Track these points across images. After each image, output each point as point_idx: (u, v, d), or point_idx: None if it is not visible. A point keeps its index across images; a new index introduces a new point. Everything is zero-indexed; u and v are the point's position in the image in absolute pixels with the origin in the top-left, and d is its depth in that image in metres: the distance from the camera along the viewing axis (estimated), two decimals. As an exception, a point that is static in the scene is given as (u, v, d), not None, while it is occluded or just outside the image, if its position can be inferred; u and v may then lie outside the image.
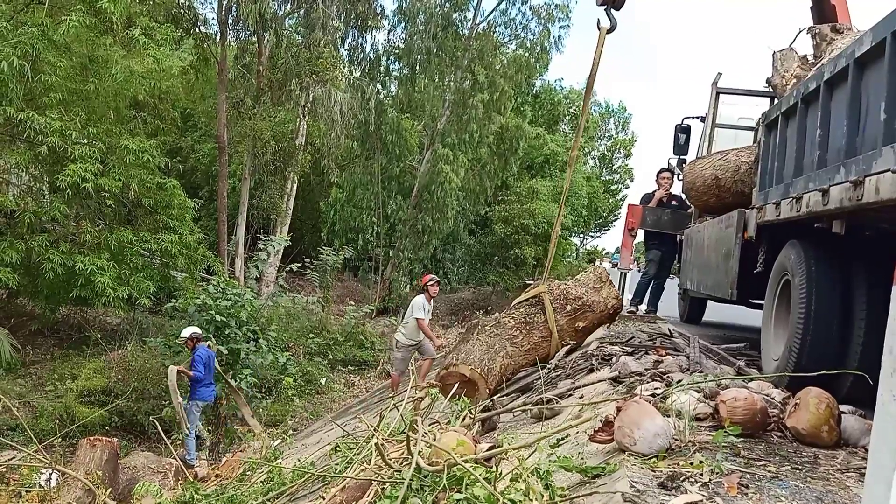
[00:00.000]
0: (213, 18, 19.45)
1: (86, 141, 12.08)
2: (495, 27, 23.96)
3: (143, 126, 14.95)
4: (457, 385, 6.20)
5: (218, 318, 11.93)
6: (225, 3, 18.01)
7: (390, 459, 3.74)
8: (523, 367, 6.87)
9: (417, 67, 22.99)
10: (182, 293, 13.51)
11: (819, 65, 5.65)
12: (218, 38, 18.74)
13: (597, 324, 7.20)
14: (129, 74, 12.92)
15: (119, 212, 13.48)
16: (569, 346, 7.03)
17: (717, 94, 9.58)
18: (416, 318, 10.33)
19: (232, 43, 19.71)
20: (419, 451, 3.49)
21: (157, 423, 10.55)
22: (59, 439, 9.90)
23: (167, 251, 13.21)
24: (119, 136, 12.80)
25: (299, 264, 19.48)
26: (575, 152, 7.02)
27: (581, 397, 5.08)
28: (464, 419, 4.94)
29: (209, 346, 10.64)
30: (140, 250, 13.09)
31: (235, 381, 11.64)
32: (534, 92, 33.43)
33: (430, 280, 10.73)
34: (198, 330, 10.63)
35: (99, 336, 14.04)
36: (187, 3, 18.43)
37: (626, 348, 6.52)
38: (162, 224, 13.54)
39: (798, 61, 6.50)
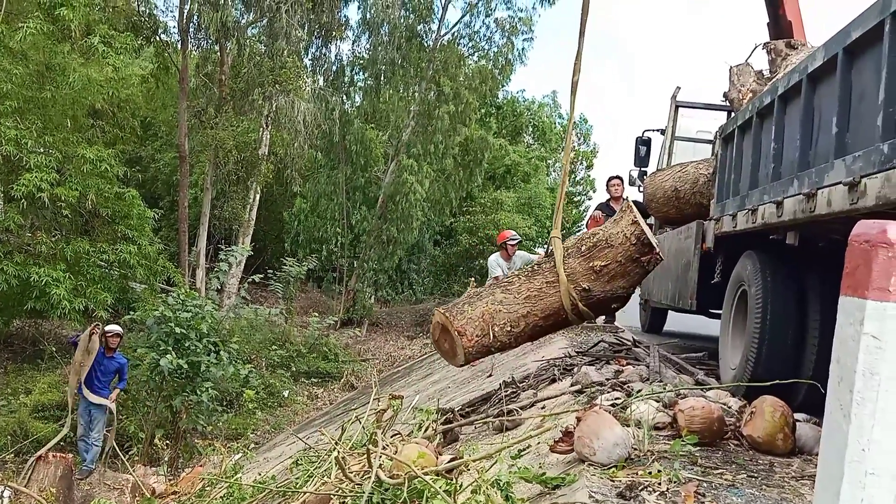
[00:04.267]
0: (173, 27, 19.23)
1: (42, 150, 11.86)
2: (459, 39, 24.10)
3: (101, 135, 14.71)
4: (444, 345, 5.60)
5: (177, 330, 11.73)
6: (186, 11, 17.83)
7: (351, 472, 3.71)
8: (529, 322, 5.60)
9: (382, 78, 23.00)
10: (141, 305, 13.27)
11: (774, 80, 5.79)
12: (179, 46, 18.54)
13: (623, 261, 5.53)
14: (87, 82, 12.71)
15: (76, 222, 13.22)
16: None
17: (677, 107, 9.75)
18: (493, 279, 8.98)
19: (193, 52, 19.50)
20: (380, 464, 3.47)
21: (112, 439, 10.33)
22: (12, 455, 9.66)
23: (125, 262, 12.98)
24: (76, 145, 12.57)
25: (262, 275, 19.27)
26: (572, 114, 6.49)
27: (543, 408, 5.10)
28: (426, 431, 4.93)
29: None
30: (97, 261, 12.85)
31: (196, 394, 11.46)
32: (497, 103, 33.64)
33: (511, 239, 9.38)
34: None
35: (54, 349, 13.73)
36: (147, 12, 18.23)
37: (588, 358, 6.56)
38: (120, 234, 13.31)
39: (754, 76, 6.66)
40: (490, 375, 8.10)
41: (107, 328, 10.37)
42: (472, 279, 7.80)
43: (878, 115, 3.12)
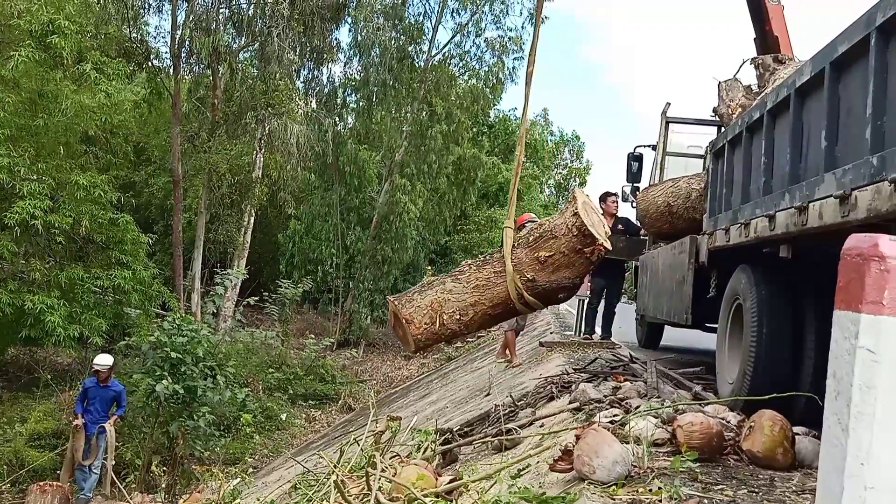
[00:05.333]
0: (165, 52, 19.35)
1: (35, 177, 11.85)
2: (450, 59, 24.26)
3: (94, 161, 14.72)
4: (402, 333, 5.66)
5: (173, 355, 11.67)
6: (178, 37, 17.93)
7: (350, 496, 3.68)
8: (477, 310, 5.63)
9: (374, 99, 23.12)
10: (136, 330, 13.22)
11: (762, 94, 5.83)
12: (171, 71, 18.62)
13: (566, 252, 5.50)
14: (79, 109, 12.74)
15: (70, 248, 13.19)
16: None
17: (667, 123, 9.82)
18: None
19: (185, 76, 19.59)
20: (379, 487, 3.45)
21: (109, 467, 10.23)
22: (8, 485, 9.57)
23: (120, 288, 12.94)
24: (69, 172, 12.58)
25: (257, 298, 19.23)
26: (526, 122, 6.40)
27: (542, 426, 5.08)
28: (424, 451, 4.90)
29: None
30: (92, 287, 12.79)
31: (193, 419, 11.38)
32: (489, 122, 33.84)
33: (530, 221, 8.16)
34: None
35: (49, 377, 13.61)
36: (139, 38, 18.33)
37: (585, 375, 6.55)
38: (114, 260, 13.29)
39: (743, 91, 6.71)
40: (488, 395, 8.07)
41: (95, 361, 10.23)
42: (430, 269, 7.78)
43: (867, 128, 3.14)
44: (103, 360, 10.13)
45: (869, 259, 1.69)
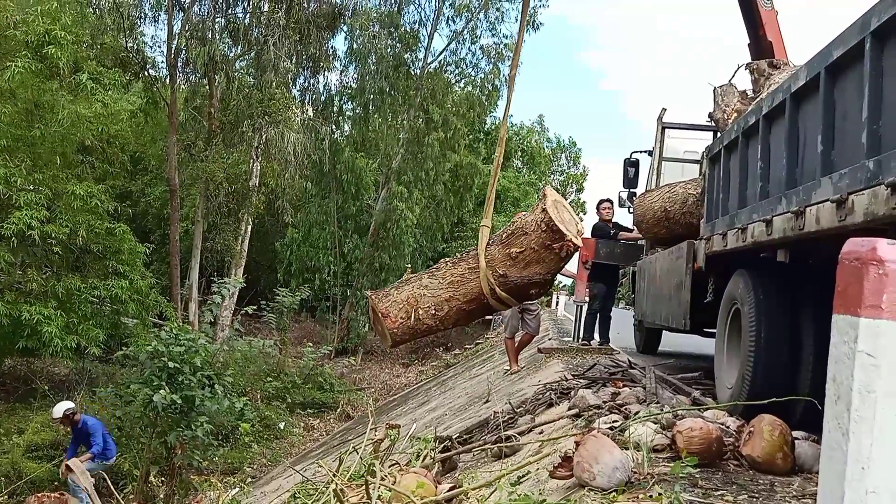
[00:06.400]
0: (162, 62, 19.39)
1: (31, 187, 11.86)
2: (446, 66, 24.33)
3: (91, 171, 14.75)
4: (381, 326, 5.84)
5: (171, 364, 11.63)
6: (174, 46, 17.96)
7: (349, 505, 3.67)
8: (452, 305, 5.77)
9: (371, 107, 23.19)
10: (133, 340, 13.18)
11: (758, 99, 5.85)
12: (168, 81, 18.65)
13: (536, 248, 5.69)
14: (76, 119, 12.78)
15: (67, 258, 13.18)
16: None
17: (663, 128, 9.84)
18: None
19: (182, 86, 19.62)
20: (378, 495, 3.44)
21: (107, 478, 10.18)
22: (6, 496, 9.52)
23: (117, 297, 12.93)
24: (66, 182, 12.60)
25: (255, 307, 19.21)
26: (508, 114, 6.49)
27: (541, 433, 5.07)
28: (424, 459, 4.88)
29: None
30: (89, 297, 12.78)
31: (191, 429, 11.32)
32: (485, 129, 33.92)
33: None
34: (71, 405, 10.08)
35: (47, 388, 13.58)
36: (135, 48, 18.35)
37: (584, 381, 6.53)
38: (111, 270, 13.28)
39: (738, 96, 6.73)
40: (487, 402, 8.05)
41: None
42: (409, 266, 7.97)
43: (863, 132, 3.15)
44: (54, 413, 9.80)
45: (867, 263, 1.69)
